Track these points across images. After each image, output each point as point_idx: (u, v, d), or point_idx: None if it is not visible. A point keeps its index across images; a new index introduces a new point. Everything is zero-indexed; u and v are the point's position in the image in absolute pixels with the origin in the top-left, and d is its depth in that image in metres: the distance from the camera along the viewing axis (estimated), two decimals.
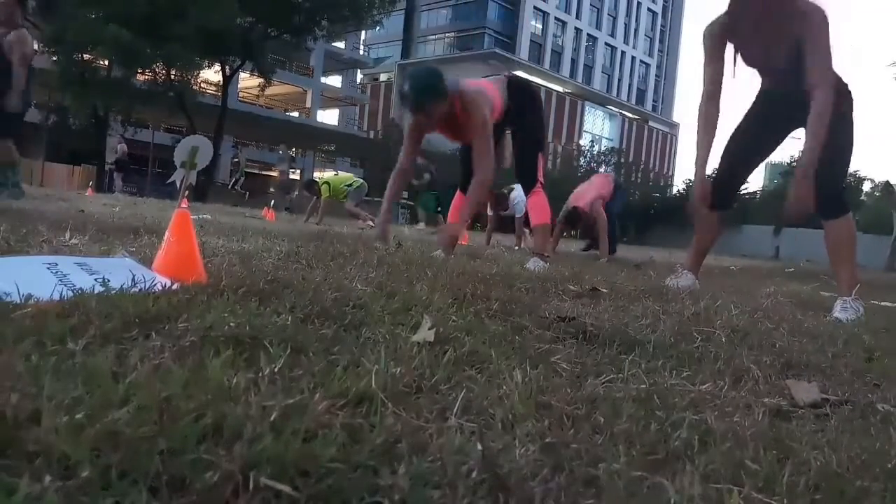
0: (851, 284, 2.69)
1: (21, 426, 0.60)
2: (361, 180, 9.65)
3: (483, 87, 3.43)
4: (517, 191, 8.13)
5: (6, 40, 5.22)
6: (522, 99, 3.59)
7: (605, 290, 2.30)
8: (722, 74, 2.81)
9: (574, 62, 58.72)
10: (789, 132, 2.92)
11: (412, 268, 2.25)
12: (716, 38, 2.76)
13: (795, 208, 2.59)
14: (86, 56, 19.69)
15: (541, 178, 3.72)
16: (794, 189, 2.63)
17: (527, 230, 7.65)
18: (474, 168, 3.32)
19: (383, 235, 3.50)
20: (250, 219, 7.30)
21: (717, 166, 3.11)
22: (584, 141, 50.42)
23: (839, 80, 2.68)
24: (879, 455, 0.86)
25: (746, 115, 2.96)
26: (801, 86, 2.53)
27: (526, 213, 3.92)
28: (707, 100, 2.82)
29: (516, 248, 6.91)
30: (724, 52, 2.78)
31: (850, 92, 2.73)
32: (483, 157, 3.28)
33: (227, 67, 25.78)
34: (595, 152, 42.20)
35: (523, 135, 3.69)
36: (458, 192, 3.76)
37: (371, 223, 8.44)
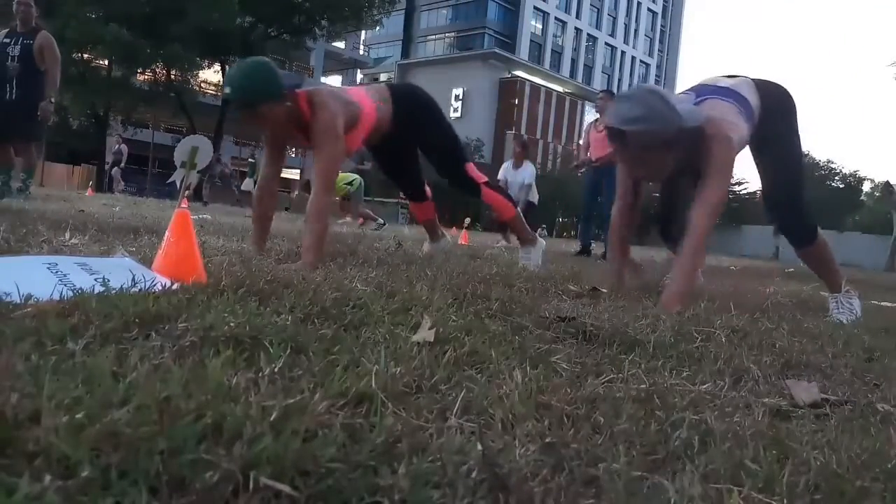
0: (838, 282, 2.64)
1: (21, 426, 0.60)
2: (360, 179, 9.62)
3: (349, 92, 2.82)
4: (518, 174, 8.03)
5: (35, 44, 5.15)
6: (412, 108, 2.99)
7: (604, 290, 2.30)
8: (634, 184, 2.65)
9: (574, 62, 58.71)
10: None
11: (412, 268, 2.25)
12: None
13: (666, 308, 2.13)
14: (86, 55, 19.70)
15: (480, 180, 3.21)
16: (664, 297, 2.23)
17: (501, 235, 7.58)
18: (312, 184, 2.59)
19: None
20: (250, 219, 7.30)
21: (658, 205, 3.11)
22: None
23: (782, 96, 2.52)
24: (879, 455, 0.86)
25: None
26: (698, 163, 2.31)
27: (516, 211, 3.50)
28: (620, 206, 2.67)
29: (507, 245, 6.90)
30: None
31: (793, 103, 2.55)
32: (321, 172, 2.51)
33: (226, 67, 25.80)
34: None
35: (433, 150, 3.14)
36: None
37: (349, 219, 8.52)
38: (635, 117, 2.15)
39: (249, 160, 16.85)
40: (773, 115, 2.47)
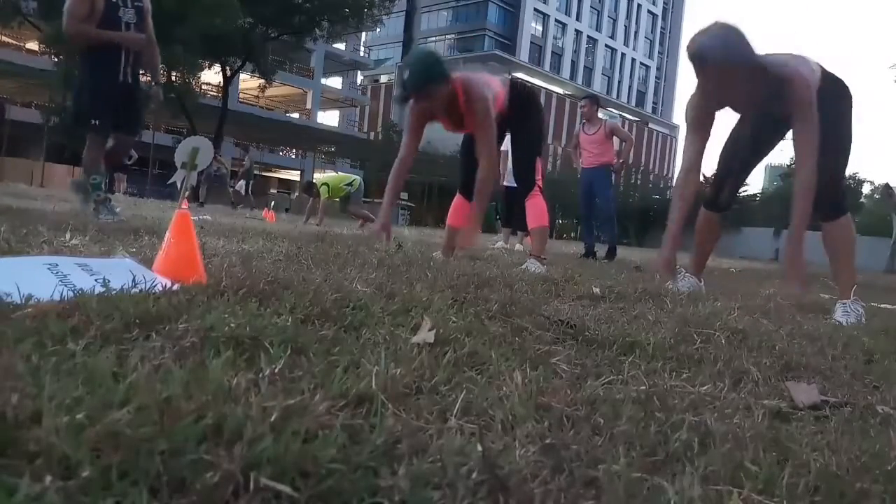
0: (850, 287, 2.68)
1: (22, 426, 0.60)
2: (360, 179, 9.59)
3: (486, 78, 3.32)
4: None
5: (144, 6, 4.05)
6: (524, 102, 3.50)
7: (605, 292, 2.30)
8: (705, 146, 2.80)
9: (574, 64, 58.76)
10: (782, 136, 2.91)
11: (412, 269, 2.25)
12: (700, 110, 2.74)
13: (791, 276, 2.58)
14: None
15: (539, 183, 3.68)
16: (786, 258, 2.64)
17: (520, 233, 7.59)
18: (479, 160, 3.19)
19: (384, 231, 3.35)
20: (250, 220, 7.31)
21: (715, 168, 3.11)
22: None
23: (837, 81, 2.68)
24: (879, 457, 0.86)
25: (737, 124, 2.94)
26: (784, 109, 2.53)
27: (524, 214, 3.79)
28: (687, 172, 2.81)
29: (507, 246, 6.90)
30: (709, 124, 2.78)
31: (848, 91, 2.71)
32: (485, 148, 3.14)
33: (227, 69, 25.80)
34: None
35: (523, 139, 3.64)
36: (457, 195, 3.69)
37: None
38: (713, 46, 2.35)
39: (243, 162, 16.84)
40: (827, 95, 2.59)
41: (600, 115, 6.89)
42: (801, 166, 2.49)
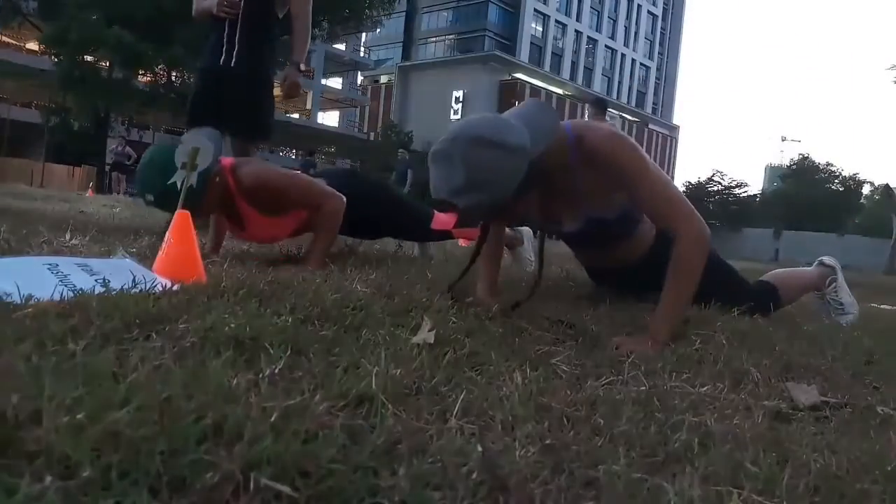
0: (811, 288, 2.51)
1: (21, 426, 0.60)
2: None
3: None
4: None
5: None
6: None
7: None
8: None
9: (574, 65, 58.73)
10: None
11: (412, 269, 2.25)
12: None
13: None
14: (87, 57, 19.70)
15: None
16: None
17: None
18: None
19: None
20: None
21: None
22: None
23: None
24: (879, 457, 0.86)
25: None
26: None
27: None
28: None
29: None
30: None
31: None
32: None
33: None
34: None
35: None
36: None
37: None
38: (459, 187, 1.46)
39: None
40: None
41: (607, 118, 6.88)
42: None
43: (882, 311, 3.19)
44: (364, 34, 40.85)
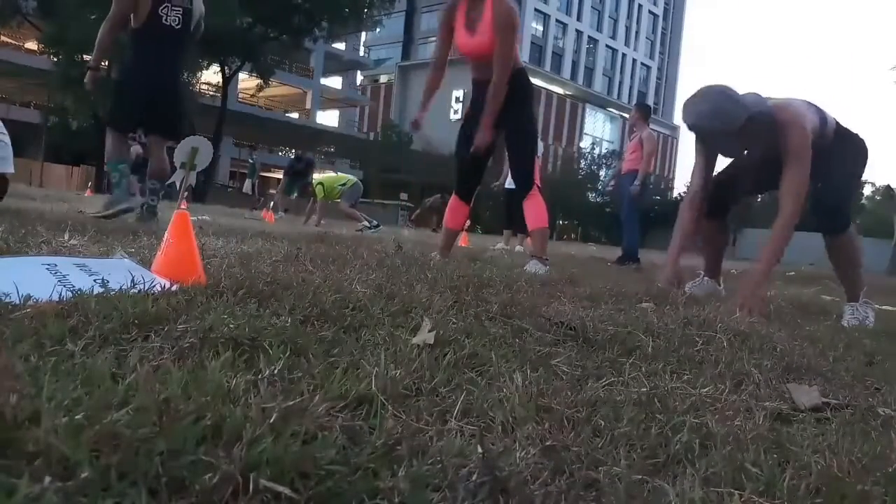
0: (857, 291, 2.71)
1: (21, 426, 0.60)
2: (356, 179, 9.53)
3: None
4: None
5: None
6: (516, 87, 3.27)
7: (605, 293, 2.30)
8: (711, 174, 2.86)
9: (575, 64, 58.74)
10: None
11: (412, 270, 2.25)
12: (701, 154, 2.83)
13: (743, 311, 2.28)
14: (86, 57, 19.72)
15: (538, 182, 3.60)
16: (744, 290, 2.56)
17: (520, 235, 7.60)
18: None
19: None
20: (249, 220, 7.31)
21: (721, 170, 3.09)
22: (585, 143, 50.47)
23: (851, 136, 2.75)
24: (880, 459, 0.86)
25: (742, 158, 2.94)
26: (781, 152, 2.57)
27: (522, 216, 3.69)
28: (690, 201, 2.85)
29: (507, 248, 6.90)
30: (714, 161, 2.85)
31: (862, 145, 2.79)
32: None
33: (226, 68, 25.78)
34: (596, 155, 42.28)
35: (518, 133, 3.43)
36: (453, 196, 3.62)
37: (366, 223, 8.35)
38: (709, 115, 2.48)
39: (249, 161, 16.81)
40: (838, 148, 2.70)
41: (651, 125, 6.87)
42: (783, 209, 2.54)
43: (883, 311, 3.19)
44: (364, 34, 40.84)
